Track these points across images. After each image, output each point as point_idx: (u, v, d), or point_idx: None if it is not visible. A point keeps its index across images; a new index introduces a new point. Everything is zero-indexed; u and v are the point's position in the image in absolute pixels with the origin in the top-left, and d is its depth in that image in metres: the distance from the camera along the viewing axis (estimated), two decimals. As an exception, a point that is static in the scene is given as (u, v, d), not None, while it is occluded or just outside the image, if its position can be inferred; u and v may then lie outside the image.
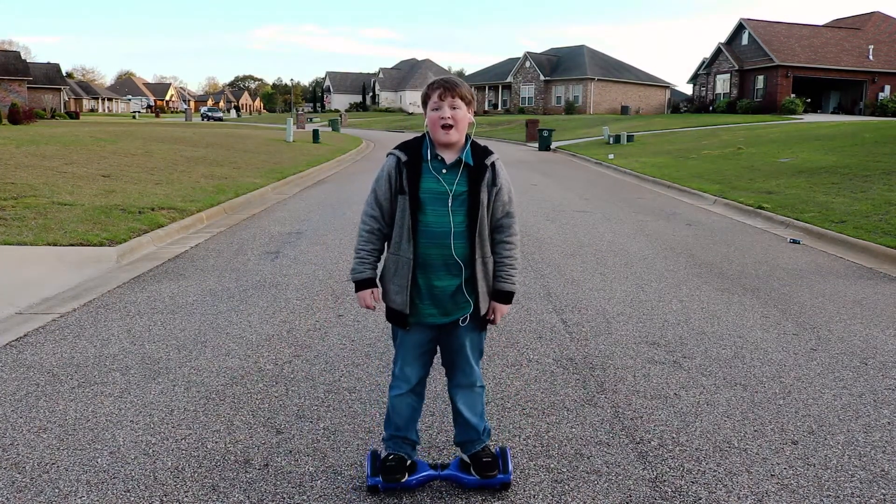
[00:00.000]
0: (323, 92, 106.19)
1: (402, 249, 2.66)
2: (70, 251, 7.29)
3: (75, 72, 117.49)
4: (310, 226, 9.69)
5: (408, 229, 2.64)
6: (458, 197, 2.64)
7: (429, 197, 2.64)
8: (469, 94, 2.66)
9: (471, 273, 2.68)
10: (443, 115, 2.61)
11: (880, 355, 4.67)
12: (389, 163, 2.70)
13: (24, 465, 3.04)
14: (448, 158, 2.66)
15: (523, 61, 65.37)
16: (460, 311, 2.72)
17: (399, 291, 2.68)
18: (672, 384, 4.08)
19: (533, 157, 25.91)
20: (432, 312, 2.72)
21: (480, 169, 2.67)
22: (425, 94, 2.69)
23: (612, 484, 2.97)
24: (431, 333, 2.78)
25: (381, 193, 2.69)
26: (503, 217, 2.73)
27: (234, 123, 59.44)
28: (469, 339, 2.78)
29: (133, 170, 14.33)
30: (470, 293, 2.70)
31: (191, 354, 4.45)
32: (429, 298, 2.70)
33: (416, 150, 2.69)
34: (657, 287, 6.45)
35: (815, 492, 2.94)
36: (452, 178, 2.64)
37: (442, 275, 2.67)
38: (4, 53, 53.32)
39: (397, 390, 2.80)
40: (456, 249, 2.64)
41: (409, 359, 2.78)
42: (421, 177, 2.64)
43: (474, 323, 2.75)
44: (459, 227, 2.64)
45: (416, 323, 2.73)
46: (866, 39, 49.67)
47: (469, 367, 2.81)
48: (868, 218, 9.79)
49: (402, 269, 2.67)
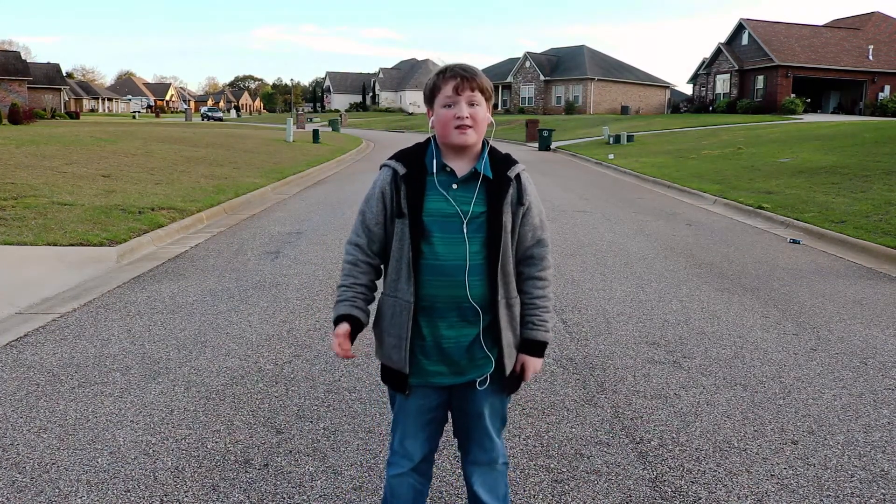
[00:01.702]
0: (323, 92, 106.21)
1: (401, 290, 2.05)
2: (70, 251, 7.29)
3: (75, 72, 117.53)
4: (310, 226, 9.69)
5: (408, 263, 2.03)
6: (475, 220, 2.02)
7: (436, 221, 2.02)
8: (490, 87, 2.07)
9: (492, 319, 2.08)
10: (459, 114, 1.99)
11: (880, 355, 4.67)
12: (383, 177, 2.09)
13: (25, 464, 3.04)
14: (460, 170, 2.05)
15: (523, 61, 65.37)
16: (478, 371, 2.11)
17: (396, 345, 2.08)
18: (672, 384, 4.08)
19: (533, 157, 25.91)
20: (440, 371, 2.10)
21: (502, 183, 2.06)
22: (433, 86, 2.06)
23: (612, 484, 2.97)
24: (440, 397, 2.17)
25: (371, 217, 2.09)
26: (533, 245, 2.13)
27: (234, 123, 59.45)
28: (489, 404, 2.17)
29: (133, 170, 14.33)
30: (491, 346, 2.09)
31: (191, 354, 4.45)
32: (436, 353, 2.08)
33: (417, 160, 2.08)
34: (657, 287, 6.45)
35: (814, 492, 2.94)
36: (466, 196, 2.03)
37: (454, 322, 2.06)
38: (4, 53, 53.32)
39: (397, 468, 2.19)
40: (472, 289, 2.03)
41: (410, 430, 2.17)
42: (425, 195, 2.03)
43: (496, 384, 2.14)
44: (476, 259, 2.03)
45: (420, 385, 2.12)
46: (866, 39, 49.67)
47: (489, 440, 2.21)
48: (868, 218, 9.79)
49: (401, 316, 2.06)
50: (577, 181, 17.25)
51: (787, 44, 47.86)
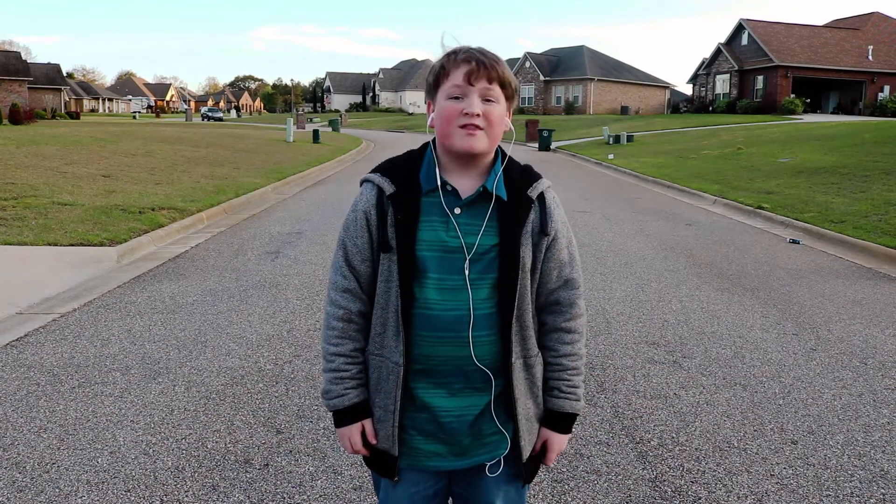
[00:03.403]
0: (323, 92, 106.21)
1: (387, 348, 1.58)
2: (70, 251, 7.29)
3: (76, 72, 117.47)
4: (310, 226, 9.69)
5: (395, 313, 1.55)
6: (484, 256, 1.54)
7: (432, 256, 1.54)
8: (514, 82, 1.58)
9: (505, 385, 1.59)
10: (469, 110, 1.50)
11: (880, 355, 4.68)
12: (366, 198, 1.60)
13: (25, 464, 3.04)
14: (465, 188, 1.57)
15: (523, 61, 65.37)
16: (487, 452, 1.62)
17: (382, 418, 1.60)
18: (672, 384, 4.08)
19: (533, 158, 25.91)
20: (438, 451, 1.61)
21: (520, 206, 1.57)
22: (440, 69, 1.55)
23: (612, 484, 2.97)
24: (437, 484, 1.67)
25: (354, 250, 1.60)
26: (559, 287, 1.63)
27: (235, 123, 59.44)
28: (503, 495, 1.67)
29: (133, 170, 14.33)
30: (504, 420, 1.61)
31: (191, 354, 4.45)
32: (433, 429, 1.59)
33: (409, 174, 1.59)
34: (657, 287, 6.45)
35: (814, 491, 2.94)
36: (473, 223, 1.55)
37: (456, 390, 1.58)
38: (5, 54, 53.29)
39: None
40: (479, 348, 1.55)
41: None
42: (419, 220, 1.55)
43: (512, 469, 1.65)
44: (485, 308, 1.55)
45: (411, 468, 1.63)
46: (866, 40, 49.67)
47: None
48: (867, 218, 9.80)
49: (388, 381, 1.58)
50: (577, 181, 17.26)
51: (786, 44, 47.87)
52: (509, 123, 1.59)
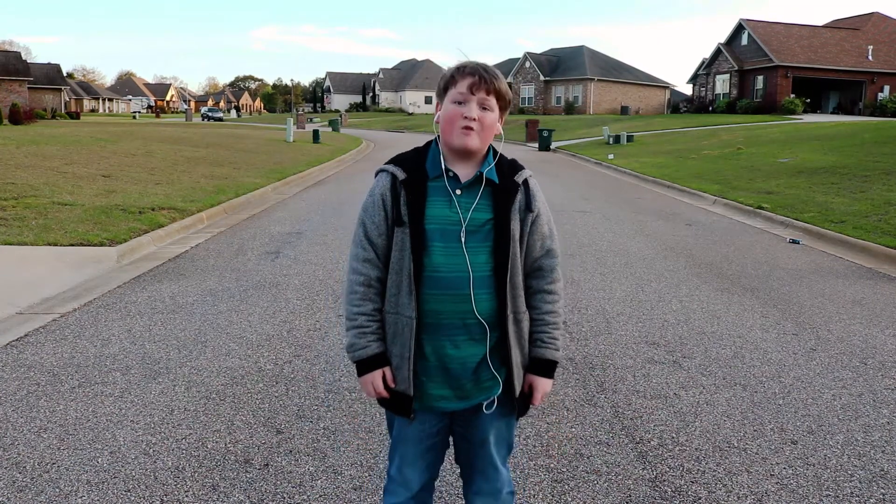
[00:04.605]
0: (323, 92, 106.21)
1: (402, 305, 1.92)
2: (70, 251, 7.29)
3: (76, 72, 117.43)
4: (310, 226, 9.69)
5: (408, 276, 1.89)
6: (481, 228, 1.90)
7: (438, 229, 1.90)
8: (508, 94, 1.95)
9: (500, 337, 1.94)
10: (468, 114, 1.87)
11: (879, 355, 4.68)
12: (382, 183, 1.96)
13: (25, 464, 3.04)
14: (464, 175, 1.94)
15: (523, 61, 65.39)
16: (484, 393, 1.97)
17: (399, 365, 1.95)
18: (672, 384, 4.08)
19: (533, 158, 25.91)
20: (444, 395, 1.96)
21: (509, 189, 1.95)
22: (449, 78, 1.93)
23: (612, 484, 2.97)
24: (441, 422, 2.04)
25: (372, 227, 1.94)
26: (542, 256, 2.00)
27: (235, 123, 59.45)
28: (495, 430, 2.04)
29: (133, 170, 14.34)
30: (498, 366, 1.96)
31: (191, 354, 4.46)
32: (440, 375, 1.95)
33: (417, 164, 1.97)
34: (657, 287, 6.45)
35: (814, 491, 2.94)
36: (470, 202, 1.91)
37: (460, 341, 1.92)
38: (5, 54, 53.29)
39: (394, 497, 2.07)
40: (479, 304, 1.89)
41: (410, 457, 2.05)
42: (426, 200, 1.92)
43: (503, 408, 2.01)
44: (483, 270, 1.90)
45: (422, 409, 1.99)
46: (865, 40, 49.67)
47: (493, 469, 2.07)
48: (867, 218, 9.80)
49: (403, 334, 1.92)
50: (577, 181, 17.26)
51: (786, 44, 47.87)
52: (500, 129, 1.97)
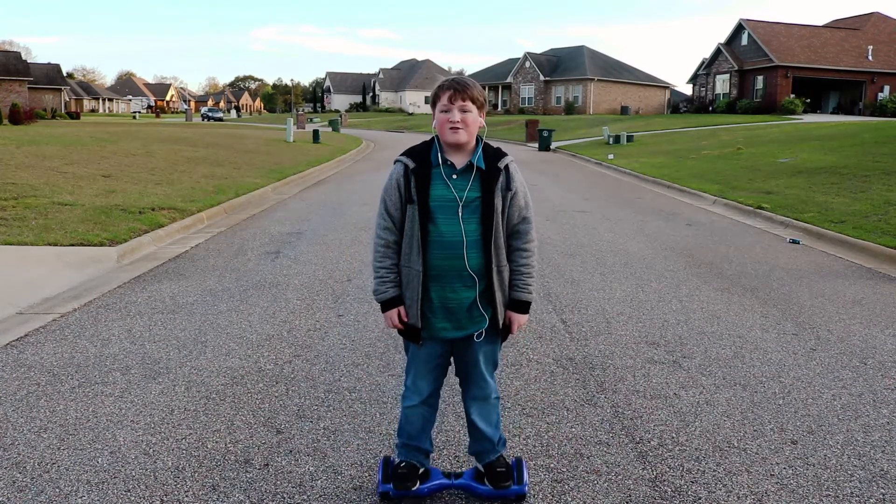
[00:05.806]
0: (323, 92, 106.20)
1: (413, 262, 2.57)
2: (70, 251, 7.29)
3: (76, 72, 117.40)
4: (310, 226, 9.69)
5: (417, 241, 2.54)
6: (470, 204, 2.54)
7: (439, 205, 2.54)
8: (481, 96, 2.58)
9: (486, 285, 2.60)
10: (452, 119, 2.51)
11: (879, 355, 4.68)
12: (397, 171, 2.61)
13: (25, 464, 3.04)
14: (458, 163, 2.57)
15: (523, 61, 65.37)
16: (475, 326, 2.64)
17: (410, 305, 2.61)
18: (672, 384, 4.08)
19: (533, 158, 25.91)
20: (445, 326, 2.63)
21: (493, 173, 2.57)
22: (435, 95, 2.60)
23: (612, 484, 2.97)
24: (444, 347, 2.71)
25: (391, 203, 2.60)
26: (519, 223, 2.63)
27: (235, 124, 59.46)
28: (483, 352, 2.71)
29: (133, 170, 14.34)
30: (486, 306, 2.62)
31: (191, 354, 4.46)
32: (442, 312, 2.61)
33: (424, 155, 2.59)
34: (657, 287, 6.45)
35: (814, 491, 2.94)
36: (464, 184, 2.55)
37: (456, 287, 2.59)
38: (5, 54, 53.29)
39: (409, 402, 2.74)
40: (470, 260, 2.55)
41: (421, 372, 2.72)
42: (430, 184, 2.55)
43: (490, 336, 2.69)
44: (473, 235, 2.55)
45: (429, 337, 2.66)
46: (866, 40, 49.66)
47: (483, 380, 2.74)
48: (867, 218, 9.80)
49: (413, 282, 2.58)
50: (576, 181, 17.25)
51: (786, 44, 47.86)
52: (482, 122, 2.61)
